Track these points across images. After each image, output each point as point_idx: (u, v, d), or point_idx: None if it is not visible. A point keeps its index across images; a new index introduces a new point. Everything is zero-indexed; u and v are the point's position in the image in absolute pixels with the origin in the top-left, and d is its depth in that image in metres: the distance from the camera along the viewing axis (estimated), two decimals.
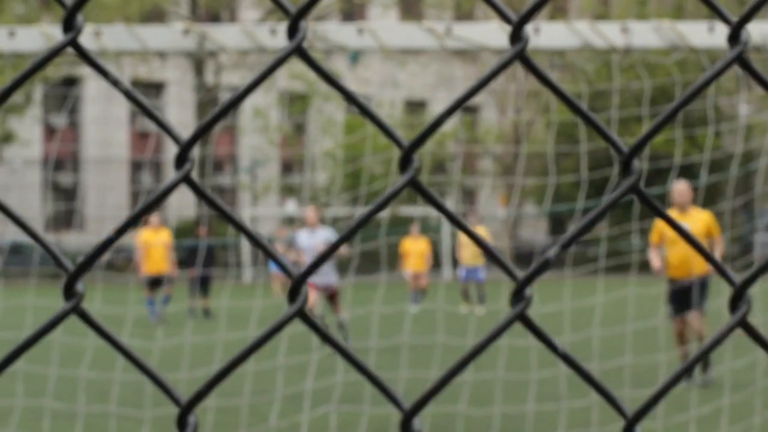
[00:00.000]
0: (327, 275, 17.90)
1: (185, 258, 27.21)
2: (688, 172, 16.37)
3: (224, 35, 8.83)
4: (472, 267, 27.38)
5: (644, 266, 16.26)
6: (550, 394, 12.44)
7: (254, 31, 8.72)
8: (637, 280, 14.39)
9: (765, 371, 12.82)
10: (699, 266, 13.29)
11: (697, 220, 13.38)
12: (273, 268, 30.61)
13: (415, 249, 28.76)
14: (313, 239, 17.86)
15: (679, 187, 13.36)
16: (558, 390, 12.34)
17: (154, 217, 25.10)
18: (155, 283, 24.35)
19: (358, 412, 11.31)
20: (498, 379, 12.46)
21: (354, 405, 11.67)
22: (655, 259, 13.43)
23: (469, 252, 27.24)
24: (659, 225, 13.52)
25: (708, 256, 1.46)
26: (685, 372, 1.40)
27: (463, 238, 27.69)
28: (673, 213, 13.38)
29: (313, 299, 17.89)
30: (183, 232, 45.98)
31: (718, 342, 1.40)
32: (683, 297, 13.33)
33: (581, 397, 11.71)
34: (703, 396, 12.03)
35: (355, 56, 9.22)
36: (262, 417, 11.32)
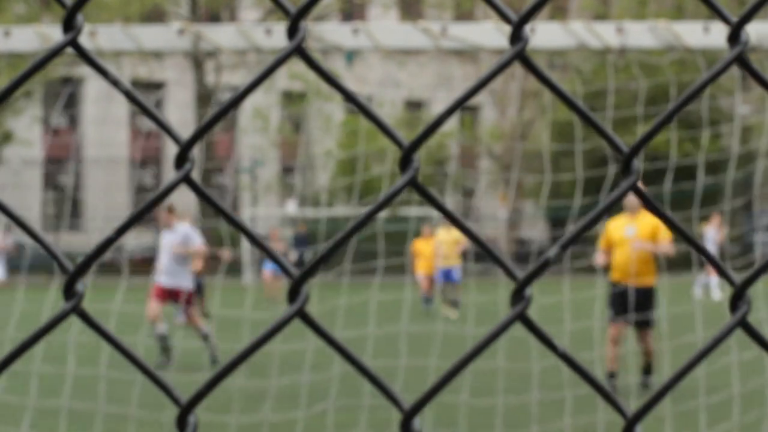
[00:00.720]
0: (176, 276, 16.44)
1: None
2: (688, 172, 16.36)
3: (220, 35, 8.83)
4: (446, 268, 26.37)
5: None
6: (553, 384, 12.45)
7: (250, 31, 8.71)
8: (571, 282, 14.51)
9: (741, 375, 12.80)
10: (642, 276, 13.28)
11: (645, 224, 13.33)
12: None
13: (428, 250, 27.38)
14: (172, 237, 16.51)
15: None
16: (561, 379, 12.35)
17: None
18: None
19: (358, 406, 11.32)
20: (500, 369, 12.47)
21: (352, 399, 11.68)
22: (599, 257, 13.45)
23: (442, 253, 26.29)
24: (607, 230, 13.52)
25: (707, 256, 1.46)
26: (686, 372, 1.40)
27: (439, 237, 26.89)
28: (623, 217, 13.43)
29: (156, 311, 16.09)
30: None
31: (718, 341, 1.40)
32: (624, 302, 13.25)
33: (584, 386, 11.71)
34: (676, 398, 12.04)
35: (350, 56, 9.24)
36: (256, 415, 11.32)
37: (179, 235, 16.56)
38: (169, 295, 16.43)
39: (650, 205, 1.41)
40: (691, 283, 28.52)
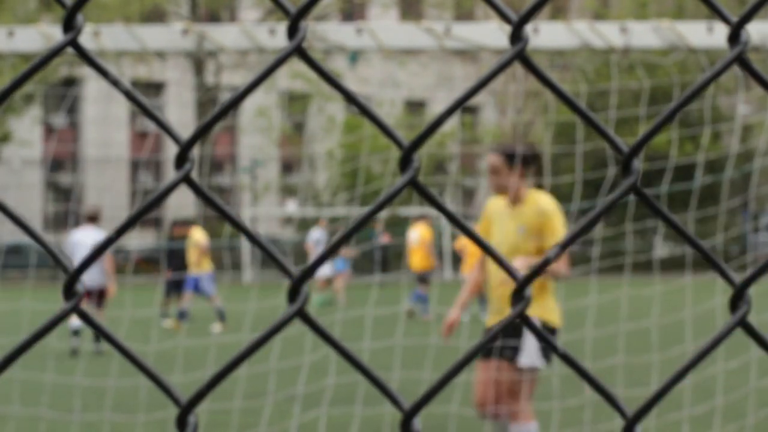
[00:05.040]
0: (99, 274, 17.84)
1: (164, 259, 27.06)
2: (687, 171, 16.37)
3: (223, 35, 8.83)
4: (194, 275, 23.05)
5: (637, 266, 16.04)
6: (543, 393, 12.46)
7: (253, 31, 8.72)
8: (630, 280, 14.32)
9: (758, 372, 12.80)
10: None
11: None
12: None
13: (474, 248, 25.12)
14: None
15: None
16: (551, 389, 12.36)
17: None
18: (422, 279, 25.59)
19: (350, 414, 11.34)
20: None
21: (346, 407, 11.70)
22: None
23: (193, 257, 23.06)
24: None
25: (707, 255, 1.46)
26: (686, 372, 1.40)
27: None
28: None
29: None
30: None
31: (718, 342, 1.40)
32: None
33: (574, 395, 11.73)
34: (696, 396, 12.06)
35: (354, 56, 9.24)
36: (254, 420, 11.33)
37: None
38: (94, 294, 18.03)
39: (651, 205, 1.41)
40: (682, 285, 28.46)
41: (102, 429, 10.89)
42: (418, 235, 26.70)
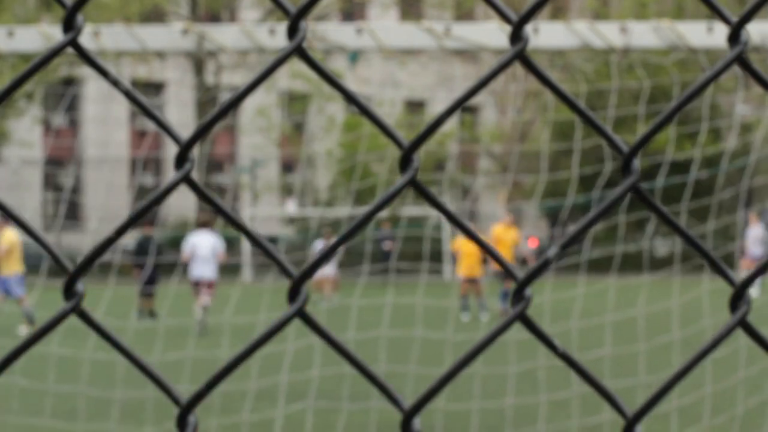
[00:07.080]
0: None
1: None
2: (686, 170, 16.37)
3: (223, 35, 8.83)
4: (5, 277, 21.48)
5: (626, 260, 16.00)
6: (530, 387, 12.47)
7: (253, 31, 8.71)
8: (618, 273, 14.34)
9: (747, 361, 12.78)
10: None
11: None
12: None
13: (469, 249, 24.74)
14: None
15: None
16: (538, 382, 12.36)
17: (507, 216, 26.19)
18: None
19: (336, 409, 11.35)
20: (477, 373, 12.47)
21: (331, 401, 11.70)
22: None
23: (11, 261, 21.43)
24: None
25: (706, 254, 1.45)
26: (685, 373, 1.40)
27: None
28: None
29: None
30: (182, 232, 45.94)
31: (717, 342, 1.40)
32: None
33: (562, 389, 11.74)
34: (684, 386, 12.05)
35: (354, 56, 9.24)
36: (235, 410, 11.33)
37: None
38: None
39: (651, 205, 1.41)
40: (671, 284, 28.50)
41: None
42: (494, 234, 26.32)
